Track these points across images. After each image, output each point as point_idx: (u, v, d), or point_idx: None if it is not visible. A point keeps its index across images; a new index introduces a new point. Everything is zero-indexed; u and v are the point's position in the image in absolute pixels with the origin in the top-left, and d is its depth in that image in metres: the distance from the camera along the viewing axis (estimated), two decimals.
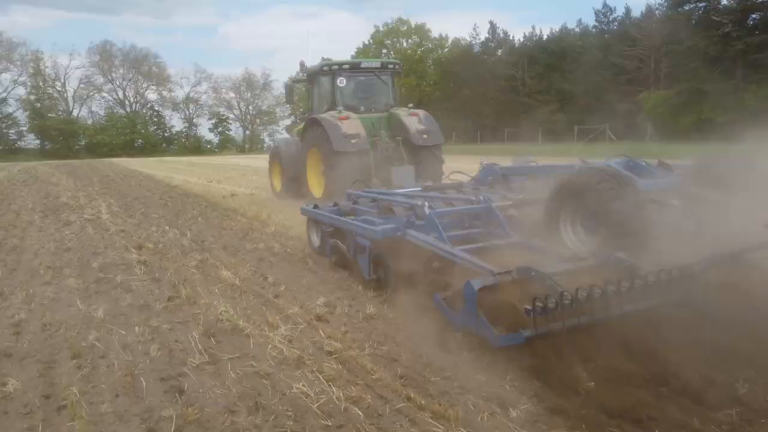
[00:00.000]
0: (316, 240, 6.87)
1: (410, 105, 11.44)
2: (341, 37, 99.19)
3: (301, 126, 12.09)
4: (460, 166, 8.60)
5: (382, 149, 10.43)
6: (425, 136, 10.49)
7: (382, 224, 5.04)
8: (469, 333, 3.89)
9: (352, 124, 10.11)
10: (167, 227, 9.00)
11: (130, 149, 59.44)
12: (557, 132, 41.08)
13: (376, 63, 11.24)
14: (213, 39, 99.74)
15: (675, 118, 35.11)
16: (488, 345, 3.67)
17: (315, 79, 11.77)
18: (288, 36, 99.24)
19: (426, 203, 4.88)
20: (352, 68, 10.99)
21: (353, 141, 9.91)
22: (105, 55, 65.57)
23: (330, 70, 10.91)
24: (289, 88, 12.45)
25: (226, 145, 68.34)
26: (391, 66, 11.43)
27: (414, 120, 10.68)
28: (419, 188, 7.01)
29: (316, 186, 11.01)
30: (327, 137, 9.92)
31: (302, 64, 11.70)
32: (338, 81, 10.92)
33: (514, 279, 3.82)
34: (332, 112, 10.52)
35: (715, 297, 3.84)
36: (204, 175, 22.25)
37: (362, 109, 11.26)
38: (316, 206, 6.48)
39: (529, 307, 3.32)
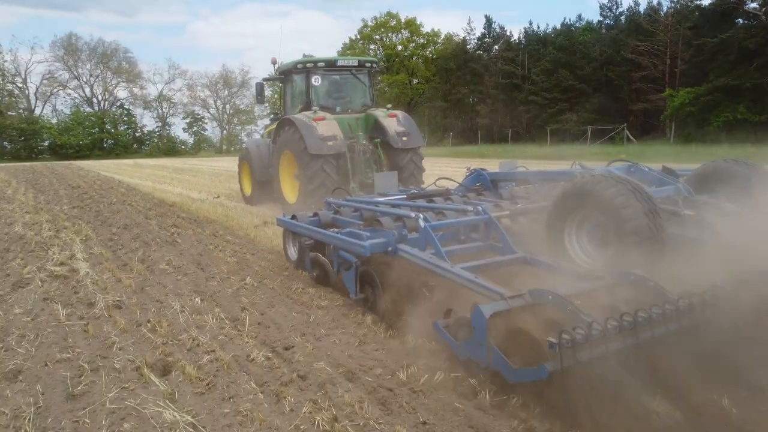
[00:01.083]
0: (293, 253, 6.32)
1: (389, 105, 10.95)
2: (312, 37, 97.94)
3: (273, 127, 11.47)
4: (460, 170, 7.96)
5: (359, 152, 9.91)
6: (405, 138, 10.02)
7: (371, 238, 4.54)
8: (477, 365, 3.43)
9: (328, 126, 9.56)
10: (198, 299, 5.17)
11: (98, 150, 55.90)
12: (567, 133, 38.71)
13: (352, 61, 10.70)
14: (181, 37, 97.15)
15: (706, 117, 31.83)
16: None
17: (288, 78, 11.18)
18: (258, 35, 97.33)
19: (420, 215, 4.39)
20: (328, 66, 10.43)
21: (329, 143, 9.36)
22: (70, 49, 60.76)
23: (304, 68, 10.33)
24: (260, 86, 11.80)
25: (201, 146, 64.91)
26: (368, 64, 10.91)
27: (392, 121, 10.20)
28: (403, 195, 6.55)
29: (289, 191, 10.43)
30: (301, 139, 9.36)
31: (275, 62, 11.08)
32: (313, 80, 10.35)
33: (528, 303, 3.38)
34: (307, 113, 9.95)
35: (747, 319, 3.48)
36: (202, 185, 17.72)
37: (338, 109, 10.73)
38: (294, 217, 5.93)
39: (553, 340, 2.87)
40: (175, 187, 17.64)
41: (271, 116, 13.06)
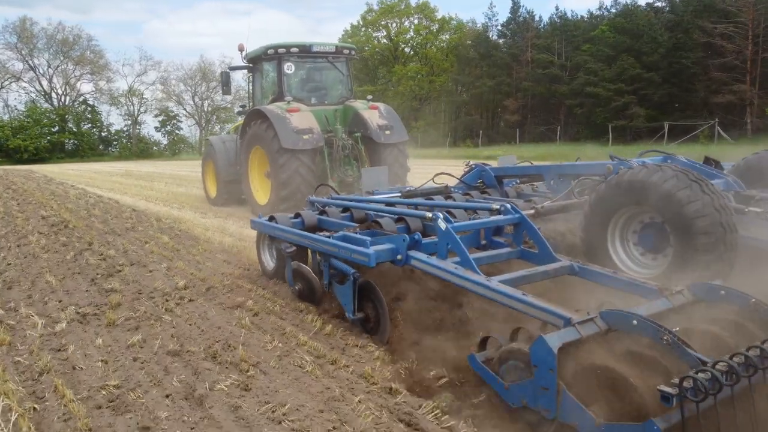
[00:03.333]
0: (270, 262, 5.34)
1: (369, 97, 10.04)
2: (273, 36, 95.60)
3: (241, 122, 10.42)
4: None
5: (338, 147, 8.97)
6: (388, 132, 9.14)
7: (375, 245, 3.62)
8: (534, 416, 2.55)
9: (303, 118, 8.61)
10: None
11: (59, 152, 49.06)
12: (631, 130, 33.41)
13: (329, 47, 9.74)
14: (139, 36, 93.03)
15: None
16: None
17: (258, 66, 10.13)
18: (219, 34, 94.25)
19: (439, 214, 3.50)
20: (302, 52, 9.44)
21: (305, 137, 8.41)
22: (24, 36, 51.64)
23: (276, 53, 9.31)
24: (226, 76, 10.70)
25: (178, 146, 56.95)
26: (346, 51, 9.98)
27: (374, 114, 9.30)
28: (397, 194, 5.67)
29: (259, 191, 9.42)
30: (273, 132, 8.38)
31: (242, 49, 10.01)
32: (285, 67, 9.35)
33: (602, 330, 2.54)
34: (279, 104, 8.95)
35: None
36: None
37: (313, 101, 9.75)
38: (272, 218, 4.95)
39: (669, 391, 2.01)
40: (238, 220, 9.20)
41: (239, 110, 11.93)
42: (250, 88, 10.64)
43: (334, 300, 4.29)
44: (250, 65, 10.25)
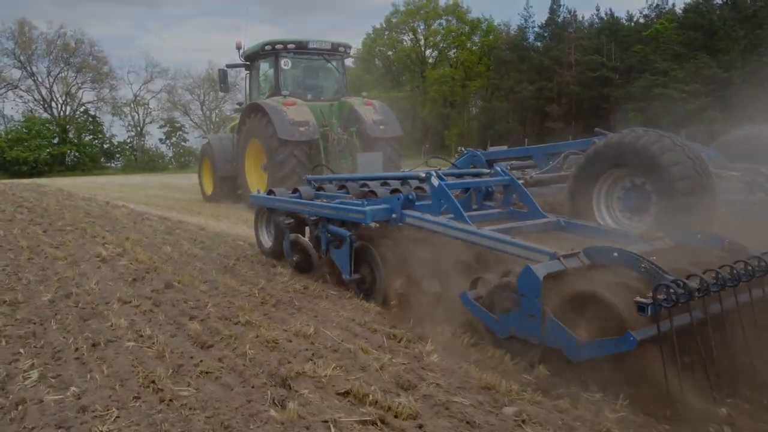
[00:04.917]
0: (268, 239, 5.48)
1: (364, 94, 10.24)
2: None
3: (237, 122, 10.58)
4: None
5: (333, 141, 9.13)
6: (382, 127, 9.32)
7: (371, 205, 3.78)
8: (521, 345, 2.70)
9: (299, 111, 8.79)
10: None
11: (59, 165, 45.51)
12: (708, 134, 30.49)
13: (326, 44, 9.95)
14: (131, 50, 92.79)
15: None
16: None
17: (255, 63, 10.31)
18: (212, 49, 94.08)
19: (433, 171, 3.66)
20: (299, 49, 9.65)
21: (301, 129, 8.57)
22: (22, 41, 48.88)
23: (273, 50, 9.51)
24: (223, 73, 10.88)
25: (184, 158, 52.17)
26: (341, 49, 10.20)
27: (369, 110, 9.50)
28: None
29: (255, 184, 9.54)
30: (270, 125, 8.54)
31: (239, 46, 10.21)
32: (282, 63, 9.55)
33: (585, 264, 2.70)
34: (276, 98, 9.13)
35: None
36: None
37: (309, 96, 9.94)
38: (271, 192, 5.10)
39: (644, 301, 2.17)
40: None
41: (236, 107, 12.10)
42: (247, 85, 10.82)
43: (330, 268, 4.45)
44: (247, 63, 10.44)
